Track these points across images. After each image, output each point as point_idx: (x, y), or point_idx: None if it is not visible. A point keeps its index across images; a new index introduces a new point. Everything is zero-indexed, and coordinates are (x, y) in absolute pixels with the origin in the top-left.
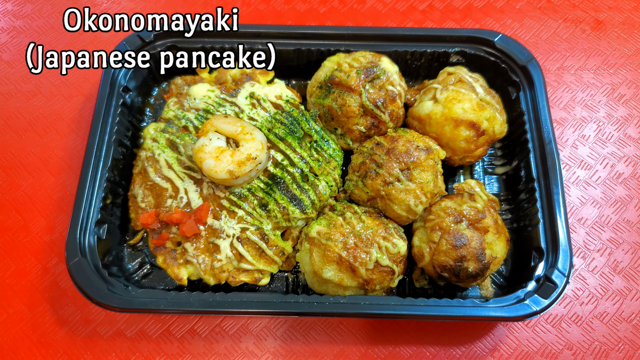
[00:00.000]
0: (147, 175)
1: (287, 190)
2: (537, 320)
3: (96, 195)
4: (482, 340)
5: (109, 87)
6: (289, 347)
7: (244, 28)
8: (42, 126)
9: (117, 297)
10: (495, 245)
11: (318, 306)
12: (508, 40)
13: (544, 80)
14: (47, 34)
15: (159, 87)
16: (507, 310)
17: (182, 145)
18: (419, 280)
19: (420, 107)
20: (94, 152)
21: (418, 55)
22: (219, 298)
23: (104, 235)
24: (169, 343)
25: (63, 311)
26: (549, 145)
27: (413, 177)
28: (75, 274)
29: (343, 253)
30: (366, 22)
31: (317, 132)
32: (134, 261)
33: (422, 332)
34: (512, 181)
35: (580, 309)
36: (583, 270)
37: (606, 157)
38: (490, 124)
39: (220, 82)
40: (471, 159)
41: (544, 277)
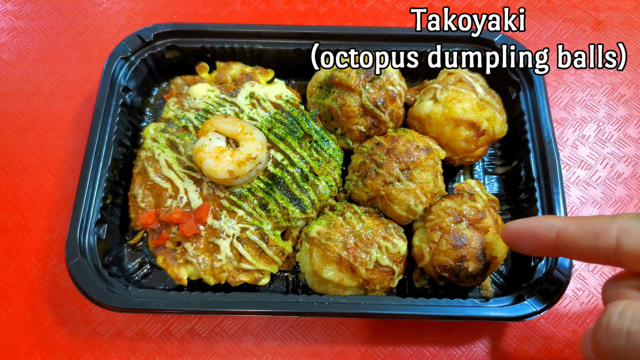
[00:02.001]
0: (147, 175)
1: (287, 190)
2: (537, 320)
3: (96, 195)
4: (482, 340)
5: (109, 87)
6: (289, 347)
7: (244, 28)
8: (42, 126)
9: (117, 297)
10: (495, 245)
11: (318, 306)
12: (508, 40)
13: (544, 80)
14: (46, 34)
15: (159, 87)
16: (507, 310)
17: (182, 145)
18: (419, 280)
19: (420, 107)
20: (94, 152)
21: (418, 55)
22: (219, 298)
23: (104, 235)
24: (169, 343)
25: (63, 311)
26: (549, 145)
27: (413, 177)
28: (75, 274)
29: (343, 253)
30: (366, 22)
31: (317, 132)
32: (134, 261)
33: (422, 332)
34: (512, 181)
35: (580, 309)
36: (583, 270)
37: (606, 157)
38: (490, 124)
39: (220, 82)
40: (471, 159)
41: (544, 277)
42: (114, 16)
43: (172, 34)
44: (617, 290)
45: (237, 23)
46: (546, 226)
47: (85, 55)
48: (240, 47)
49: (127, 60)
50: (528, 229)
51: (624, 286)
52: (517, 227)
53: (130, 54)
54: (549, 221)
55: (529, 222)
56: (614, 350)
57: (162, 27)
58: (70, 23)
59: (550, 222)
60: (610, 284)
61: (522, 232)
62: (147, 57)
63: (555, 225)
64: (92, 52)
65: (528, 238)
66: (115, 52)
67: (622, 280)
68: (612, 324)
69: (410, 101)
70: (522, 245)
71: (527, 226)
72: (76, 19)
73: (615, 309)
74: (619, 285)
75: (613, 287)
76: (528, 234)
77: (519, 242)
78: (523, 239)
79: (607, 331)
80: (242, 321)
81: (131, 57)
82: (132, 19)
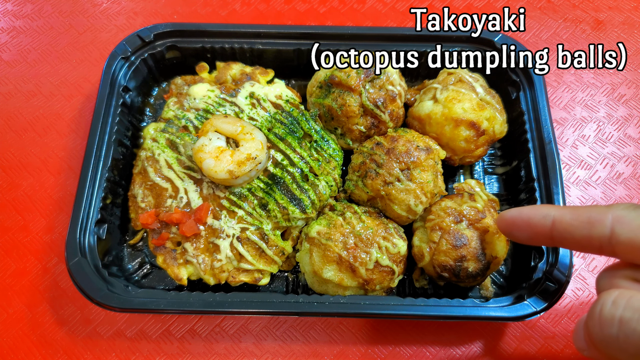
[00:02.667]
0: (147, 175)
1: (287, 190)
2: (537, 320)
3: (96, 195)
4: (482, 340)
5: (109, 87)
6: (288, 347)
7: (244, 28)
8: (42, 126)
9: (117, 297)
10: (495, 245)
11: (318, 306)
12: (508, 40)
13: (544, 80)
14: (46, 34)
15: (159, 87)
16: (507, 310)
17: (182, 145)
18: (419, 280)
19: (420, 107)
20: (94, 152)
21: (418, 55)
22: (219, 298)
23: (104, 235)
24: (169, 343)
25: (63, 311)
26: (549, 145)
27: (413, 177)
28: (75, 274)
29: (343, 253)
30: (366, 22)
31: (317, 132)
32: (134, 261)
33: (422, 332)
34: (512, 181)
35: (580, 308)
36: (583, 270)
37: (606, 157)
38: (491, 124)
39: (220, 82)
40: (471, 159)
41: (544, 277)
42: (114, 16)
43: (172, 34)
44: (610, 280)
45: (237, 23)
46: (542, 215)
47: (86, 55)
48: (240, 47)
49: (127, 60)
50: (524, 217)
51: (617, 276)
52: (513, 216)
53: (130, 54)
54: (544, 210)
55: (525, 210)
56: (606, 338)
57: (162, 27)
58: (70, 23)
59: (546, 211)
60: (604, 274)
61: (517, 220)
62: (147, 57)
63: (551, 214)
64: (92, 52)
65: (523, 226)
66: (115, 52)
67: (616, 271)
68: (604, 312)
69: (410, 101)
70: (518, 234)
71: (522, 215)
72: (76, 19)
73: (609, 298)
74: (612, 275)
75: (607, 277)
76: (524, 222)
77: (514, 230)
78: (518, 227)
79: (599, 319)
80: (242, 321)
81: (131, 57)
82: (132, 19)
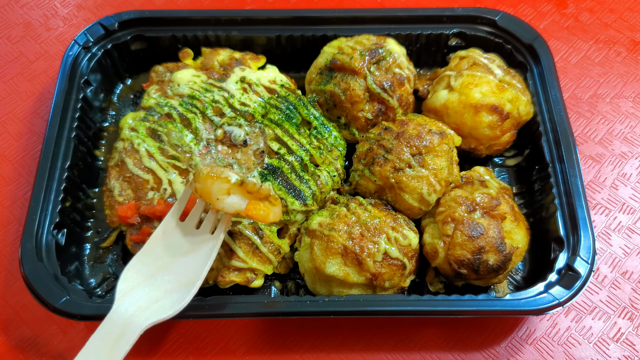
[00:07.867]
0: (125, 167)
1: (285, 180)
2: (557, 315)
3: (54, 194)
4: (494, 336)
5: (67, 79)
6: (287, 346)
7: (224, 14)
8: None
9: (81, 304)
10: (514, 234)
11: (320, 305)
12: (511, 19)
13: (552, 58)
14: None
15: (124, 84)
16: (526, 303)
17: (164, 133)
18: (433, 283)
19: (434, 98)
20: (52, 148)
21: (413, 38)
22: (211, 302)
23: (62, 241)
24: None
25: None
26: (561, 125)
27: (426, 163)
28: (32, 281)
29: (348, 243)
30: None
31: (316, 118)
32: (97, 275)
33: (424, 331)
34: (524, 172)
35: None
36: (602, 265)
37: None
38: (514, 106)
39: (207, 67)
40: (499, 147)
41: (565, 268)
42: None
43: (140, 21)
44: None
45: (218, 9)
46: None
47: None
48: (221, 34)
49: (89, 51)
50: None
51: None
52: None
53: (92, 45)
54: None
55: None
56: None
57: (129, 14)
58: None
59: None
60: None
61: None
62: (110, 48)
63: None
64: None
65: None
66: (75, 42)
67: None
68: None
69: (424, 93)
70: None
71: None
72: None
73: None
74: None
75: None
76: None
77: None
78: None
79: None
80: (239, 322)
81: (93, 47)
82: None
